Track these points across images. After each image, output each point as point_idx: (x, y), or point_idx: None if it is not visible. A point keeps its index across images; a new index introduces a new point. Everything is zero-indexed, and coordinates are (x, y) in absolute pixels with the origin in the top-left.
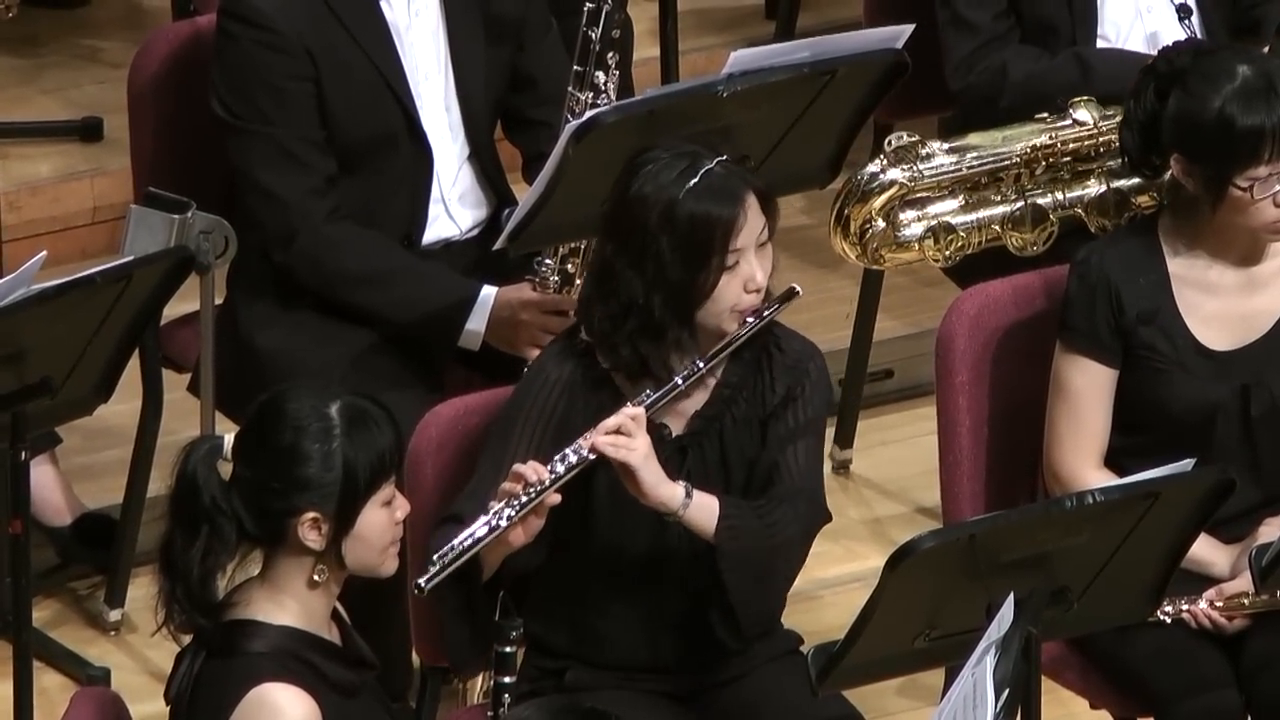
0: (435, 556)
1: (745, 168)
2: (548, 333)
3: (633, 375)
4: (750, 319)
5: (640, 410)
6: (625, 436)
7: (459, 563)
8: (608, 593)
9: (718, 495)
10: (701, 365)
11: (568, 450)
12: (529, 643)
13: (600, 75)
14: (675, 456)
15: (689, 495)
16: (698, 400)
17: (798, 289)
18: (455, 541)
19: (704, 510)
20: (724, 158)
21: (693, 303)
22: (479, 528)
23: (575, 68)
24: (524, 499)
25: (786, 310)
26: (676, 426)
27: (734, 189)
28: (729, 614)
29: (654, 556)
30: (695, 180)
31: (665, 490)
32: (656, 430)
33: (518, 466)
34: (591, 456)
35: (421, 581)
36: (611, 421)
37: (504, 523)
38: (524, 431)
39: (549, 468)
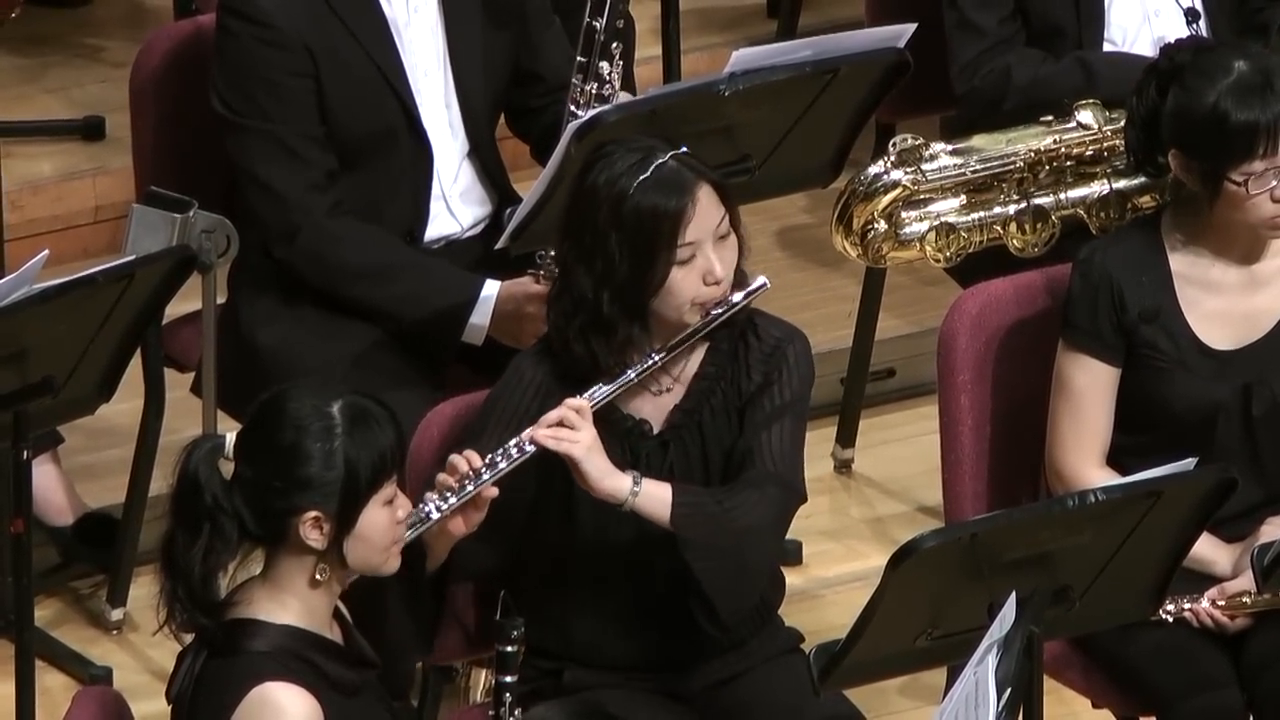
0: None
1: (699, 160)
2: None
3: (588, 373)
4: (715, 310)
5: (583, 402)
6: (568, 429)
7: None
8: (596, 593)
9: (671, 484)
10: (656, 358)
11: (509, 444)
12: (527, 645)
13: (605, 65)
14: (658, 452)
15: (637, 484)
16: (676, 395)
17: (765, 281)
18: None
19: (654, 499)
20: (681, 150)
21: (643, 298)
22: (411, 518)
23: (579, 58)
24: (458, 490)
25: (791, 308)
26: (657, 423)
27: (684, 181)
28: (705, 602)
29: (640, 555)
30: (645, 174)
31: (610, 482)
32: (638, 426)
33: (452, 456)
34: (531, 449)
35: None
36: (553, 414)
37: (434, 514)
38: (494, 430)
39: (487, 459)
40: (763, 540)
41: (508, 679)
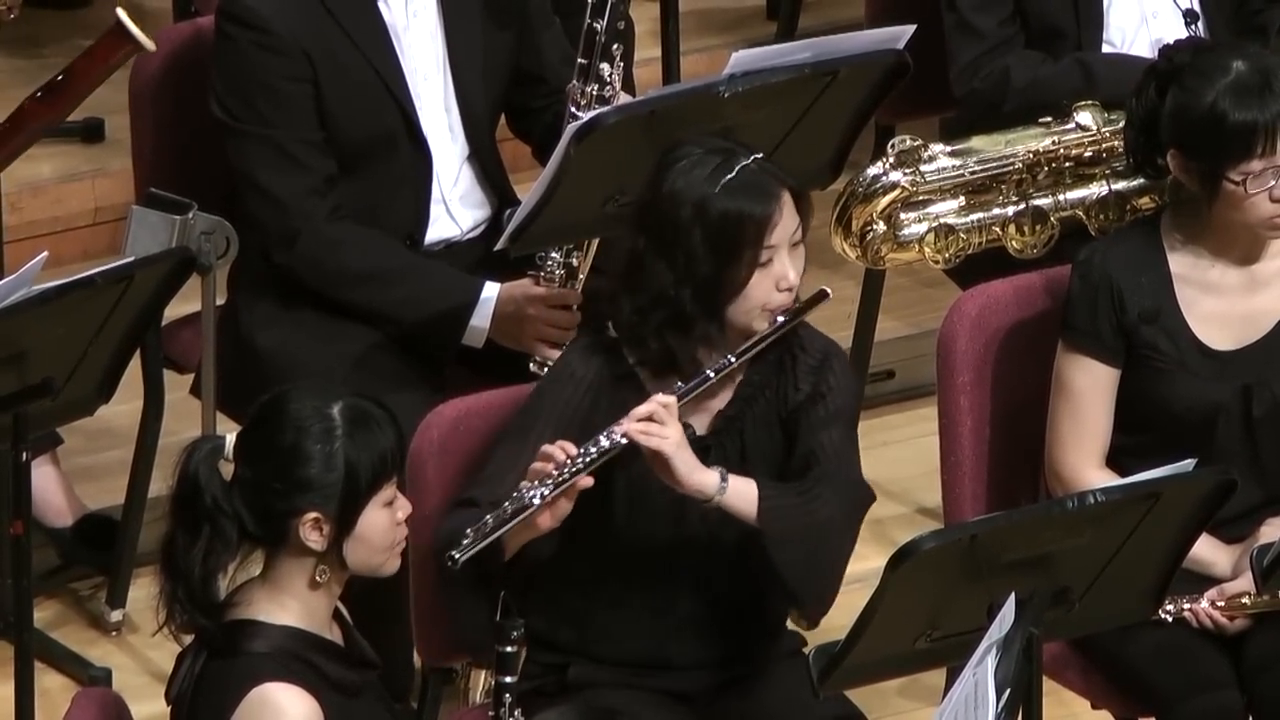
0: (469, 530)
1: (779, 166)
2: (554, 327)
3: (659, 370)
4: (781, 318)
5: (672, 399)
6: (657, 424)
7: (493, 537)
8: (620, 589)
9: (754, 478)
10: (733, 360)
11: (599, 435)
12: (531, 639)
13: (605, 67)
14: (698, 455)
15: (725, 480)
16: (721, 400)
17: (828, 291)
18: (489, 517)
19: (741, 495)
20: (759, 155)
21: (723, 298)
22: (511, 505)
23: (580, 60)
24: (555, 478)
25: None
26: (700, 426)
27: (769, 186)
28: (791, 597)
29: (669, 556)
30: (730, 176)
31: (700, 477)
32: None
33: (546, 447)
34: (624, 442)
35: (455, 554)
36: (643, 409)
37: (537, 500)
38: (546, 426)
39: (580, 450)
40: (841, 533)
41: (507, 680)
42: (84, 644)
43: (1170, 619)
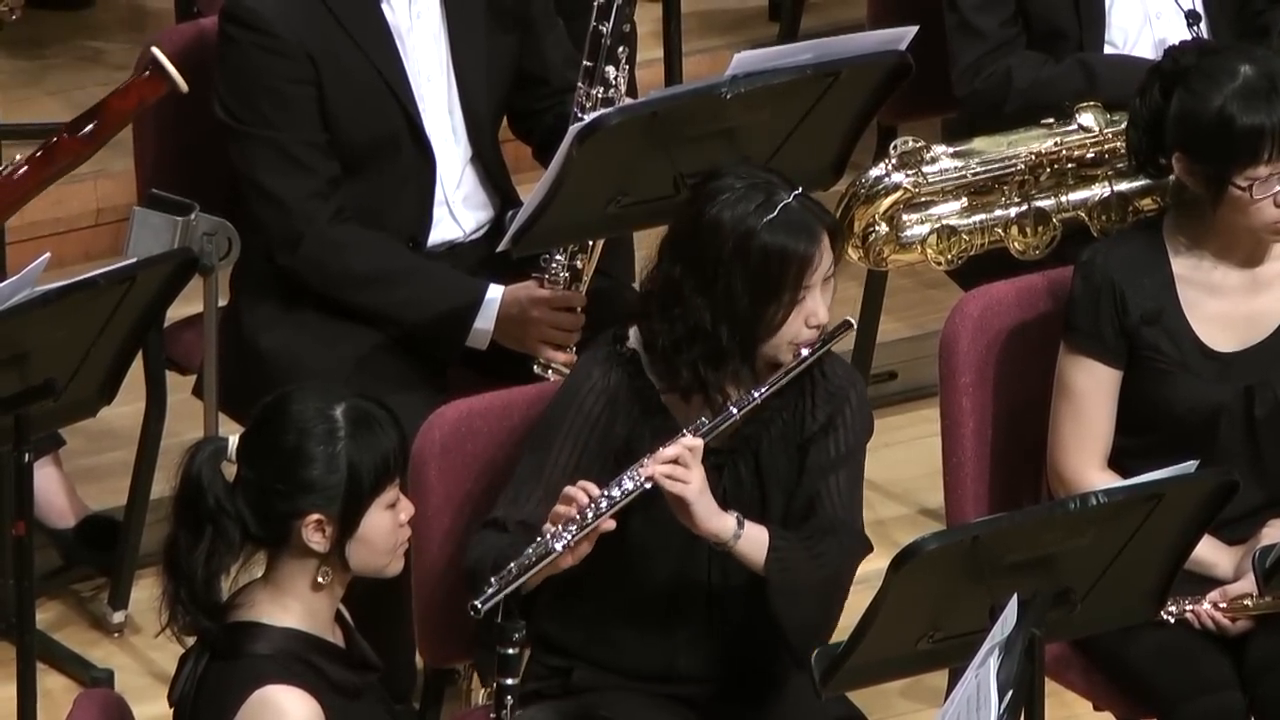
0: (494, 579)
1: (817, 203)
2: (558, 329)
3: (686, 395)
4: (804, 350)
5: (698, 442)
6: (682, 468)
7: (516, 584)
8: (629, 602)
9: (767, 527)
10: (758, 396)
11: (624, 476)
12: (537, 641)
13: (610, 70)
14: (711, 474)
15: (741, 526)
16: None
17: (852, 322)
18: (512, 565)
19: (754, 542)
20: (799, 190)
21: (759, 335)
22: (534, 551)
23: (585, 63)
24: (578, 523)
25: None
26: (713, 443)
27: (811, 226)
28: (785, 641)
29: (680, 577)
30: (773, 214)
31: (717, 523)
32: None
33: (568, 489)
34: (648, 485)
35: (478, 603)
36: (670, 452)
37: (559, 547)
38: (567, 439)
39: (604, 492)
40: (839, 588)
41: (509, 681)
42: (86, 645)
43: (1172, 620)
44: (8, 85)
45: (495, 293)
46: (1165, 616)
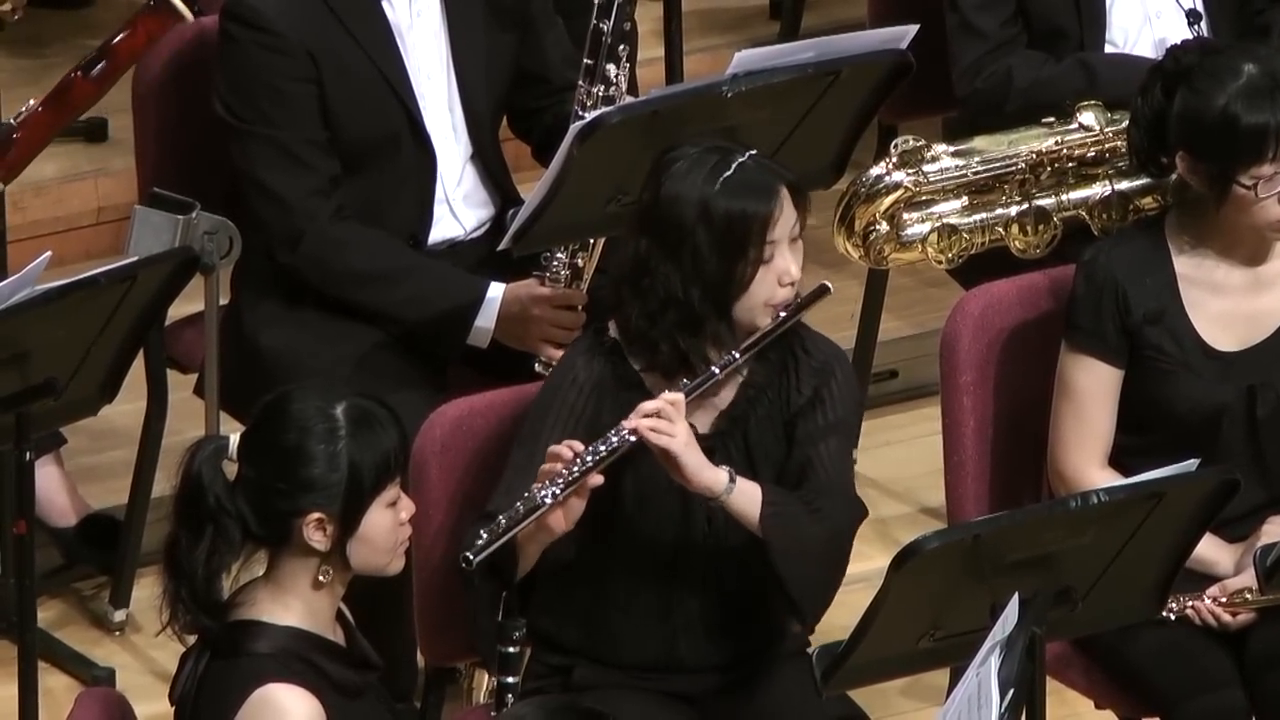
0: (483, 531)
1: (777, 161)
2: (559, 328)
3: (669, 372)
4: (782, 313)
5: (679, 396)
6: (665, 421)
7: (507, 537)
8: (627, 589)
9: (761, 484)
10: (738, 356)
11: (609, 434)
12: (537, 640)
13: (611, 68)
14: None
15: (733, 480)
16: (724, 400)
17: (829, 286)
18: (501, 518)
19: (747, 497)
20: (754, 151)
21: (730, 295)
22: (523, 505)
23: (585, 61)
24: (566, 477)
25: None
26: (703, 426)
27: (768, 182)
28: (791, 605)
29: (675, 556)
30: (729, 173)
31: (709, 475)
32: None
33: (554, 447)
34: (632, 439)
35: (470, 554)
36: (651, 405)
37: (549, 499)
38: (554, 430)
39: (589, 448)
40: (839, 545)
41: (510, 680)
42: (87, 644)
43: (1173, 617)
44: (9, 84)
45: (496, 291)
46: (1166, 614)
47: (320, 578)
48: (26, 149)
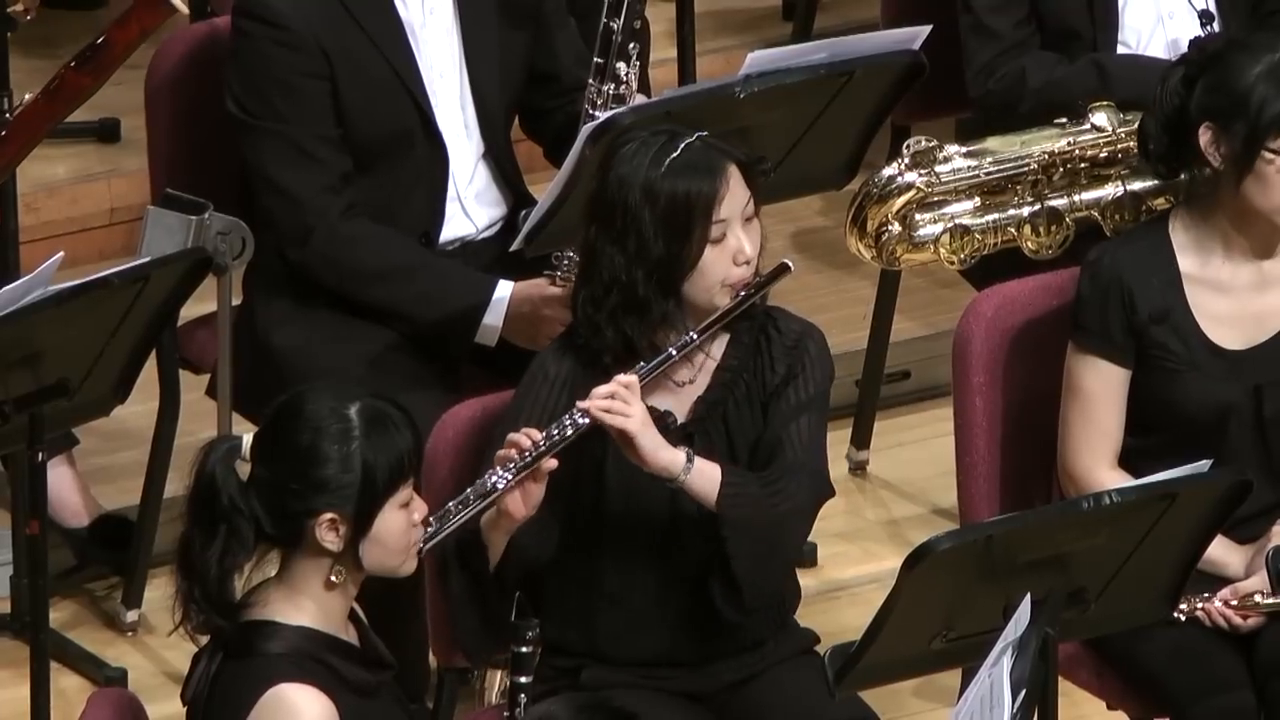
0: (432, 518)
1: (725, 141)
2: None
3: (619, 357)
4: (742, 292)
5: (633, 378)
6: (620, 403)
7: (456, 524)
8: (620, 584)
9: (721, 464)
10: (695, 336)
11: (564, 418)
12: (544, 644)
13: (622, 66)
14: (682, 443)
15: (690, 461)
16: (699, 386)
17: (789, 264)
18: (450, 504)
19: (705, 477)
20: (704, 133)
21: (677, 276)
22: (473, 492)
23: (595, 59)
24: (517, 462)
25: (803, 308)
26: (680, 413)
27: (714, 162)
28: (731, 585)
29: (666, 547)
30: (675, 154)
31: (665, 456)
32: (661, 418)
33: (512, 435)
34: (585, 421)
35: (420, 543)
36: (604, 389)
37: (501, 485)
38: (525, 426)
39: (544, 433)
40: (797, 527)
41: (523, 680)
42: (100, 644)
43: (1183, 618)
44: (22, 84)
45: (505, 289)
46: (1176, 614)
47: (333, 578)
48: (20, 143)
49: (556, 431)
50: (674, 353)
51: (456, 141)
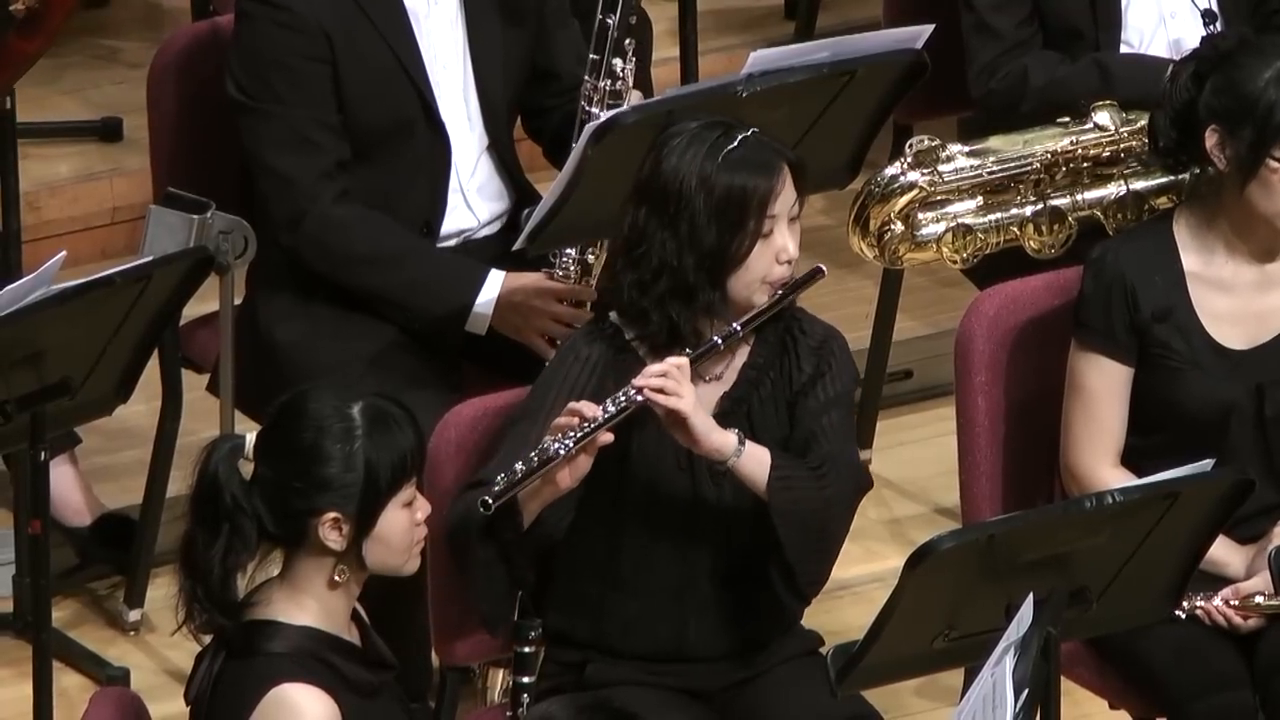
0: (500, 476)
1: (780, 140)
2: (559, 322)
3: (660, 346)
4: (779, 291)
5: (684, 360)
6: (672, 383)
7: (523, 484)
8: (637, 572)
9: (770, 448)
10: (739, 328)
11: (618, 394)
12: (549, 637)
13: (618, 62)
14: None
15: (742, 443)
16: (725, 383)
17: (823, 268)
18: (518, 464)
19: (756, 461)
20: (756, 129)
21: (725, 268)
22: (537, 456)
23: (591, 56)
24: (577, 432)
25: (806, 307)
26: (707, 407)
27: (770, 159)
28: (787, 571)
29: (683, 537)
30: (732, 147)
31: (717, 438)
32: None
33: (573, 404)
34: (640, 399)
35: (489, 498)
36: (657, 367)
37: (562, 451)
38: (555, 407)
39: (601, 406)
40: (842, 514)
41: (525, 679)
42: (102, 643)
43: (1184, 616)
44: (24, 83)
45: (496, 278)
46: (1177, 613)
47: (336, 577)
48: None
49: (613, 406)
50: (719, 342)
51: (459, 133)
